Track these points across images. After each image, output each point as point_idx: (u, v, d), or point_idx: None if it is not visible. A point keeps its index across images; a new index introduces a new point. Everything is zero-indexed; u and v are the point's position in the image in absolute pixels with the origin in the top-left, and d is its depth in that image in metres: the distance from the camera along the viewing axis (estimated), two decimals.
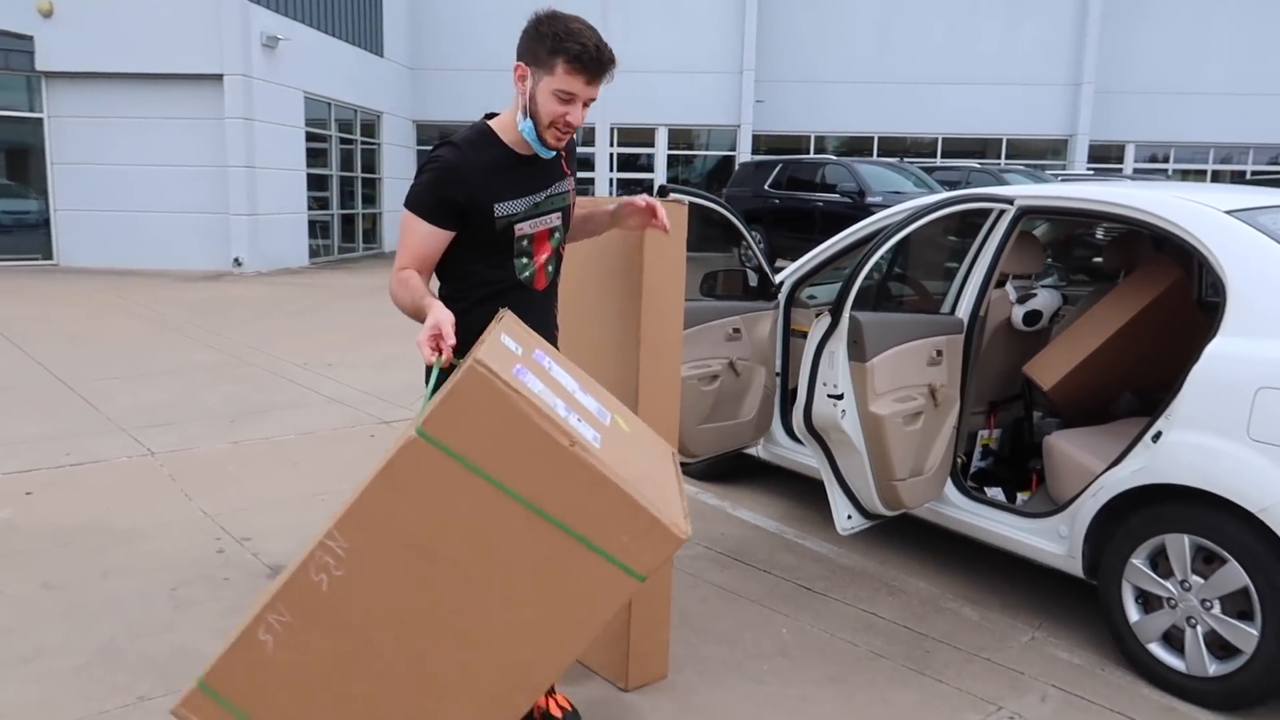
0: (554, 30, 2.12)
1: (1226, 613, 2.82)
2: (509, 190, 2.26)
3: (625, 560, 1.84)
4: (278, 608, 1.83)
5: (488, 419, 1.75)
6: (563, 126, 2.20)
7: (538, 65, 2.16)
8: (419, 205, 2.21)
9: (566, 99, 2.17)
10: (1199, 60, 22.23)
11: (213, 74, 14.49)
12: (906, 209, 3.75)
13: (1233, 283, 2.87)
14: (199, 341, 8.72)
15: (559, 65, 2.13)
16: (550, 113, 2.18)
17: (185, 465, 5.06)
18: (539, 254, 2.40)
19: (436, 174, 2.19)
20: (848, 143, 22.64)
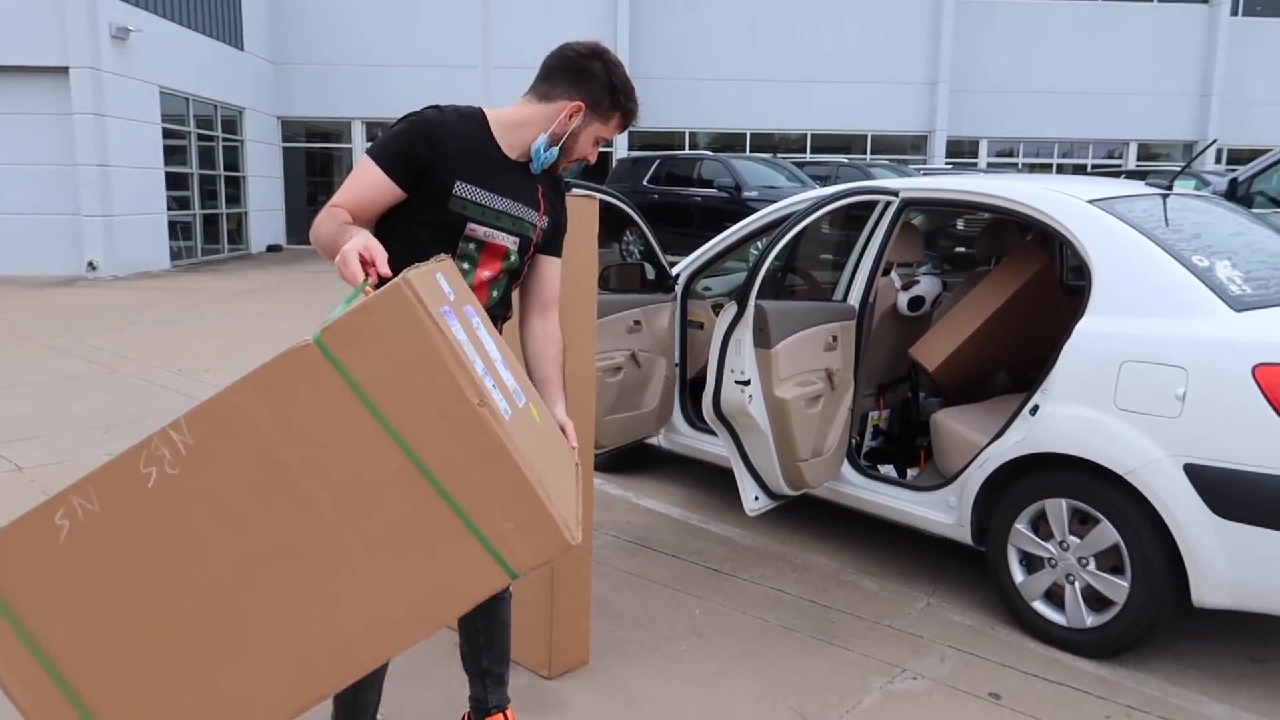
0: (620, 83, 2.14)
1: (1100, 568, 3.07)
2: (477, 176, 2.09)
3: (501, 550, 1.59)
4: (86, 490, 1.54)
5: (396, 347, 1.51)
6: (577, 160, 2.23)
7: (595, 111, 2.14)
8: (379, 149, 2.08)
9: (599, 144, 2.21)
10: (1042, 61, 23.70)
11: (57, 66, 13.61)
12: (807, 200, 3.91)
13: (1097, 266, 3.13)
14: (59, 350, 8.22)
15: (616, 119, 2.17)
16: (583, 153, 2.20)
17: (59, 479, 4.77)
18: (483, 267, 2.16)
19: (409, 125, 2.07)
20: (721, 138, 23.10)
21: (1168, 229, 3.23)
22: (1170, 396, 2.84)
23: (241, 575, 1.55)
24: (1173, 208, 3.40)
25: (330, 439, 1.53)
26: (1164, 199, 3.47)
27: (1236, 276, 3.04)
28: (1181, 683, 2.99)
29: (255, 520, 1.54)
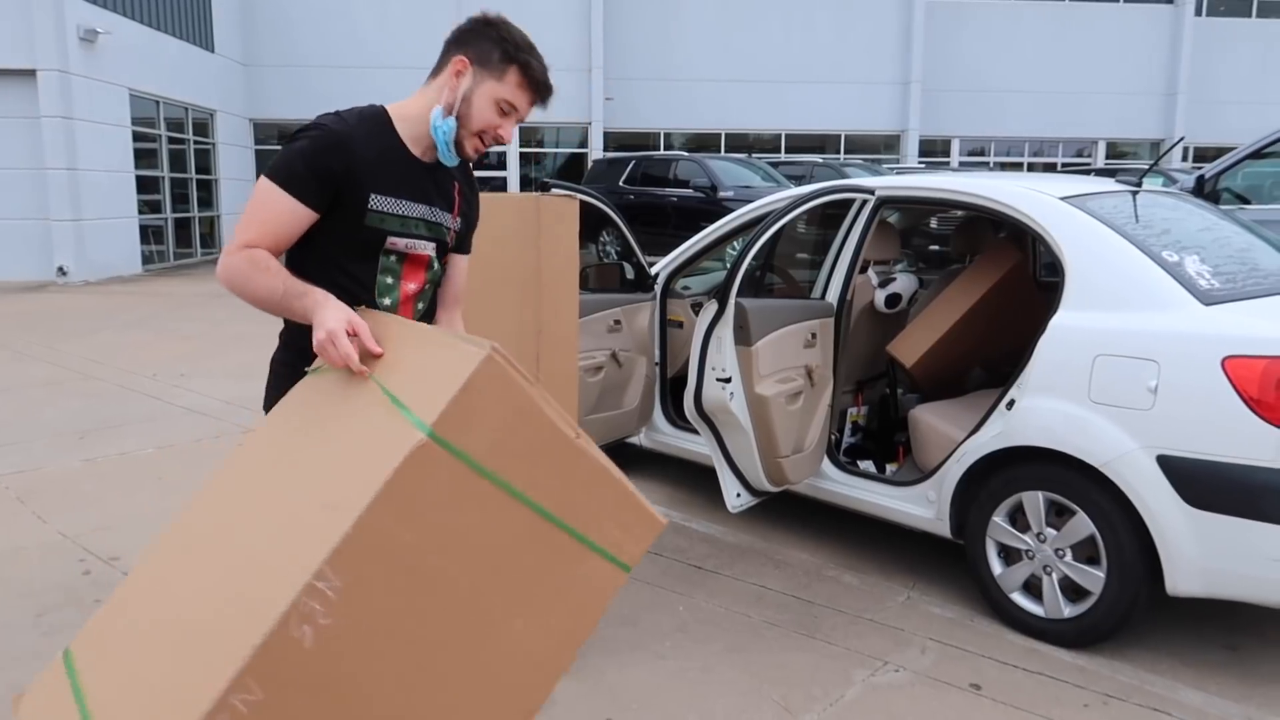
0: (510, 37, 1.94)
1: (1077, 559, 3.12)
2: (393, 186, 1.95)
3: (617, 554, 1.74)
4: (245, 684, 1.44)
5: (502, 413, 1.56)
6: (490, 139, 1.98)
7: (484, 66, 1.93)
8: (284, 173, 1.86)
9: (507, 111, 1.96)
10: (1012, 60, 23.99)
11: (24, 69, 13.44)
12: (784, 198, 3.94)
13: (1070, 262, 3.18)
14: (30, 356, 8.12)
15: (511, 74, 1.93)
16: (485, 120, 1.94)
17: (34, 486, 4.74)
18: (407, 280, 2.05)
19: (313, 141, 1.86)
20: (696, 139, 23.18)
21: (1138, 225, 3.29)
22: (1142, 389, 2.89)
23: (418, 678, 1.59)
24: (1142, 204, 3.47)
25: (462, 522, 1.57)
26: (1134, 196, 3.53)
27: (1205, 271, 3.10)
28: (1157, 670, 3.05)
29: (413, 626, 1.57)
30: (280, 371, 2.03)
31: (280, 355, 2.06)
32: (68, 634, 3.21)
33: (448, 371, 1.54)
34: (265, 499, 1.74)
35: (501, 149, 21.90)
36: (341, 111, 1.95)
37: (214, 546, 1.76)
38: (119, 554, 3.90)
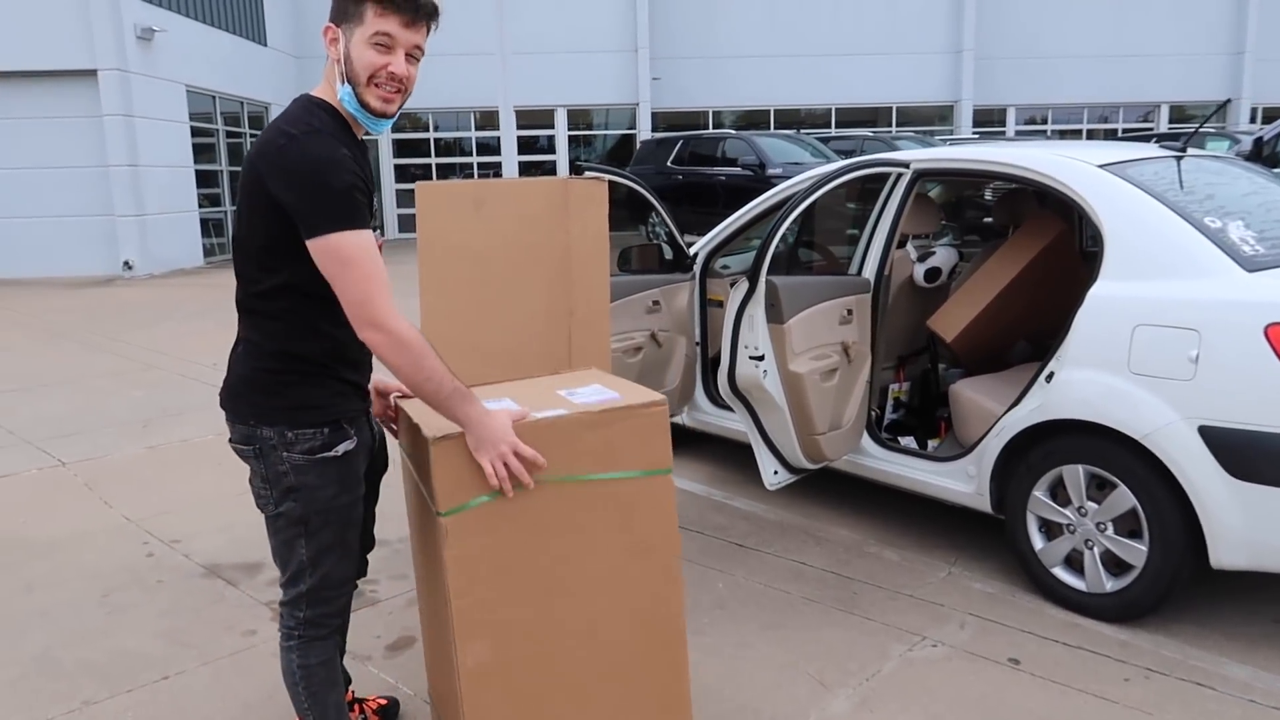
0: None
1: (1118, 533, 3.08)
2: (370, 183, 1.96)
3: (648, 466, 2.12)
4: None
5: (472, 463, 1.98)
6: (385, 80, 1.89)
7: (346, 20, 1.89)
8: (356, 216, 1.82)
9: (385, 45, 1.87)
10: (1070, 25, 23.29)
11: (86, 69, 13.85)
12: (811, 176, 3.92)
13: (1109, 231, 3.12)
14: (97, 348, 8.43)
15: (368, 11, 1.86)
16: (369, 64, 1.87)
17: (101, 473, 4.94)
18: None
19: (344, 177, 1.83)
20: (745, 116, 22.99)
21: (1181, 191, 3.21)
22: (1183, 359, 2.84)
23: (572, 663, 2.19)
24: (1186, 170, 3.38)
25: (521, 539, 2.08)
26: (1178, 161, 3.45)
27: (1249, 237, 3.02)
28: (1202, 645, 3.00)
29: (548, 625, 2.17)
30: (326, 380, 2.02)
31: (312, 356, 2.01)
32: (132, 614, 3.37)
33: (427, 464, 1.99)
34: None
35: (548, 132, 21.98)
36: (320, 126, 1.89)
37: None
38: (179, 537, 4.06)
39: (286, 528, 2.04)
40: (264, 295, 1.96)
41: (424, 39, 1.94)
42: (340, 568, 2.11)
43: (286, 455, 1.98)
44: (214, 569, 3.73)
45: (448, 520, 1.99)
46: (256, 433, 1.99)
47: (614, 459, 2.10)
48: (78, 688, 2.89)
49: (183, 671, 2.97)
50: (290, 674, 2.15)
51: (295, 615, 2.11)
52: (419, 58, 1.96)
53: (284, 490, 2.01)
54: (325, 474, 2.00)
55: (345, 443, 2.02)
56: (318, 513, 2.02)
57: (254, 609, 3.39)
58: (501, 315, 2.88)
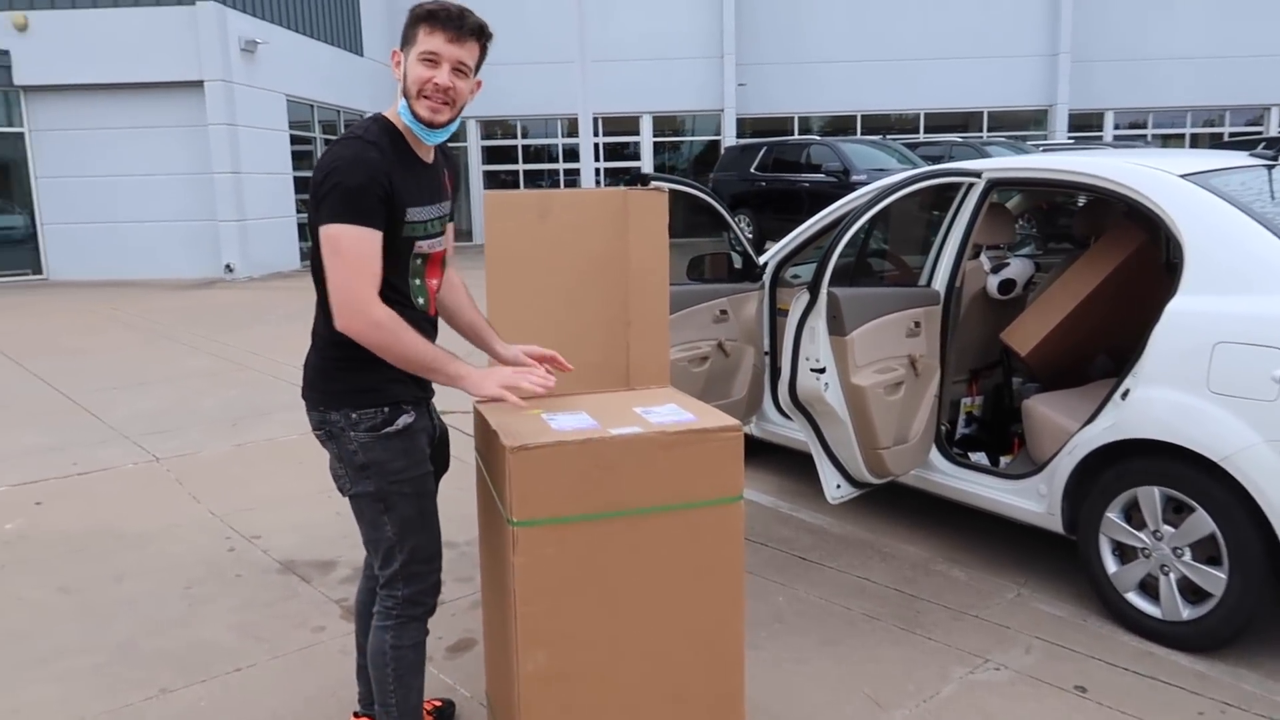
0: (416, 6, 2.09)
1: (1196, 559, 2.95)
2: (417, 194, 2.12)
3: (719, 494, 2.15)
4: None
5: (545, 474, 2.04)
6: (430, 91, 2.05)
7: (406, 44, 2.10)
8: (357, 212, 1.97)
9: (430, 61, 2.05)
10: (1173, 25, 22.33)
11: (192, 81, 14.53)
12: (875, 188, 3.86)
13: (1189, 243, 2.99)
14: (195, 348, 8.82)
15: (419, 31, 2.06)
16: (417, 78, 2.05)
17: (191, 469, 5.17)
18: (430, 278, 2.27)
19: (364, 172, 1.98)
20: (832, 122, 22.73)
21: (1271, 202, 3.06)
22: (1266, 379, 2.70)
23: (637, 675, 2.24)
24: (1278, 180, 3.22)
25: (590, 561, 2.15)
26: (1269, 170, 3.29)
27: None
28: None
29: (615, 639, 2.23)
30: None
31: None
32: (210, 606, 3.52)
33: (502, 471, 2.07)
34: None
35: (634, 139, 22.08)
36: (362, 134, 2.07)
37: None
38: (260, 533, 4.22)
39: (368, 506, 2.19)
40: (321, 289, 2.13)
41: (471, 56, 2.10)
42: (426, 539, 2.23)
43: (354, 434, 2.13)
44: (289, 565, 3.86)
45: (518, 529, 2.04)
46: (327, 417, 2.16)
47: (687, 483, 2.15)
48: (156, 675, 3.03)
49: (253, 664, 3.09)
50: (381, 654, 2.25)
51: (394, 595, 2.23)
52: (466, 73, 2.10)
53: (357, 468, 2.16)
54: (391, 447, 2.14)
55: (404, 417, 2.15)
56: (392, 484, 2.15)
57: (324, 606, 3.50)
58: (562, 324, 2.91)
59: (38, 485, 4.94)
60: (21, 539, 4.21)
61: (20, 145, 15.03)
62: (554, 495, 2.07)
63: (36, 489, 4.88)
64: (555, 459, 2.07)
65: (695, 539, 2.19)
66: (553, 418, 2.22)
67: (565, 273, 2.93)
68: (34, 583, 3.75)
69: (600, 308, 2.90)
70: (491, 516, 2.31)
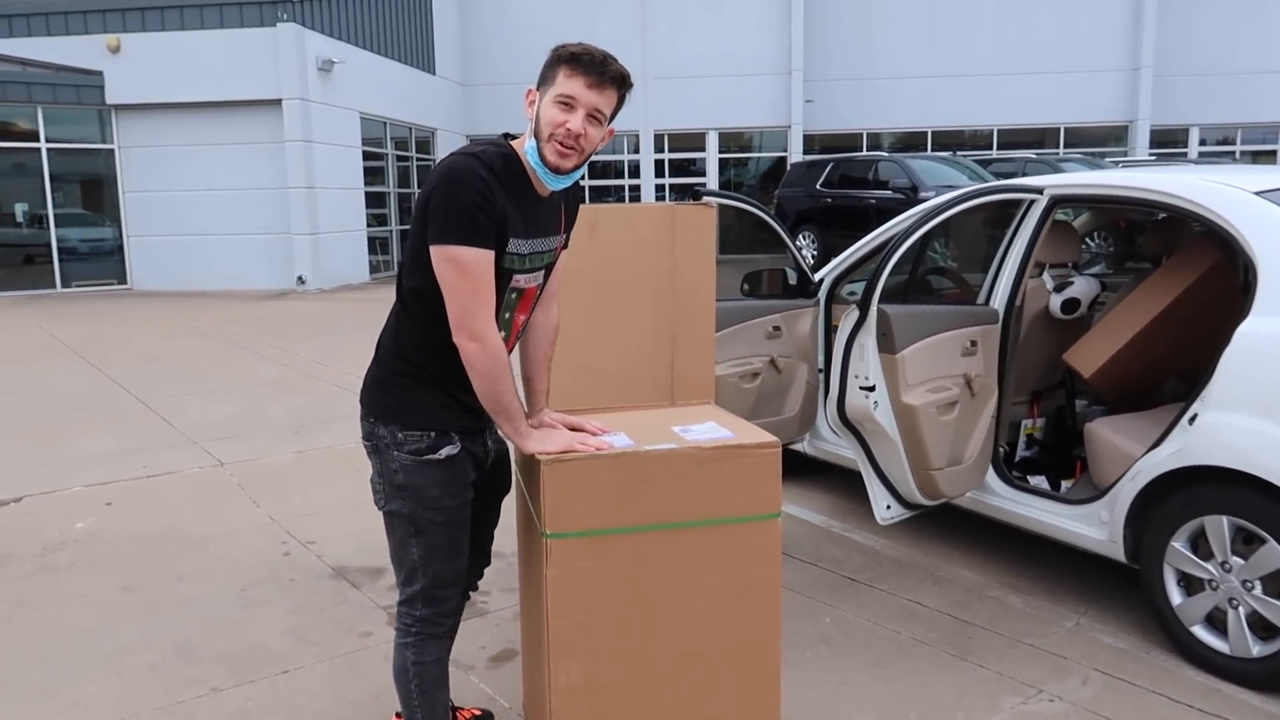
0: (563, 48, 2.04)
1: (1268, 593, 2.81)
2: (523, 228, 2.07)
3: (757, 510, 2.16)
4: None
5: (579, 488, 2.06)
6: (562, 136, 1.99)
7: (543, 84, 2.05)
8: (471, 233, 1.94)
9: (566, 104, 1.99)
10: (1263, 38, 21.56)
11: (272, 99, 15.00)
12: (931, 205, 3.79)
13: (1263, 263, 2.87)
14: (265, 358, 9.06)
15: (559, 72, 2.00)
16: (549, 121, 2.00)
17: (253, 475, 5.30)
18: (520, 312, 2.22)
19: (479, 192, 1.95)
20: (902, 138, 22.45)
21: None
22: None
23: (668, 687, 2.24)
24: None
25: (627, 573, 2.17)
26: None
27: None
28: None
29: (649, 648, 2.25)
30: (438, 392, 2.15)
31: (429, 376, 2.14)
32: (264, 608, 3.59)
33: (538, 483, 2.09)
34: None
35: (700, 155, 22.11)
36: (479, 154, 2.02)
37: None
38: (315, 539, 4.30)
39: (399, 526, 2.18)
40: (403, 298, 2.15)
41: (609, 104, 2.04)
42: (450, 568, 2.21)
43: (397, 454, 2.12)
44: (341, 571, 3.93)
45: (552, 541, 2.05)
46: (375, 430, 2.17)
47: (723, 498, 2.13)
48: (209, 675, 3.10)
49: (301, 667, 3.14)
50: (403, 671, 2.25)
51: (412, 614, 2.23)
52: (601, 120, 2.04)
53: (395, 487, 2.15)
54: (430, 475, 2.12)
55: (448, 447, 2.13)
56: (425, 510, 2.14)
57: (372, 612, 3.55)
58: (610, 338, 2.92)
59: (109, 486, 5.12)
60: (92, 538, 4.36)
61: (111, 161, 15.69)
62: (588, 508, 2.07)
63: (108, 490, 5.06)
64: (590, 472, 2.07)
65: (731, 555, 2.17)
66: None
67: (613, 287, 2.94)
68: (101, 581, 3.87)
69: (647, 322, 2.90)
70: (529, 529, 2.31)
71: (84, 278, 15.71)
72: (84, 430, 6.34)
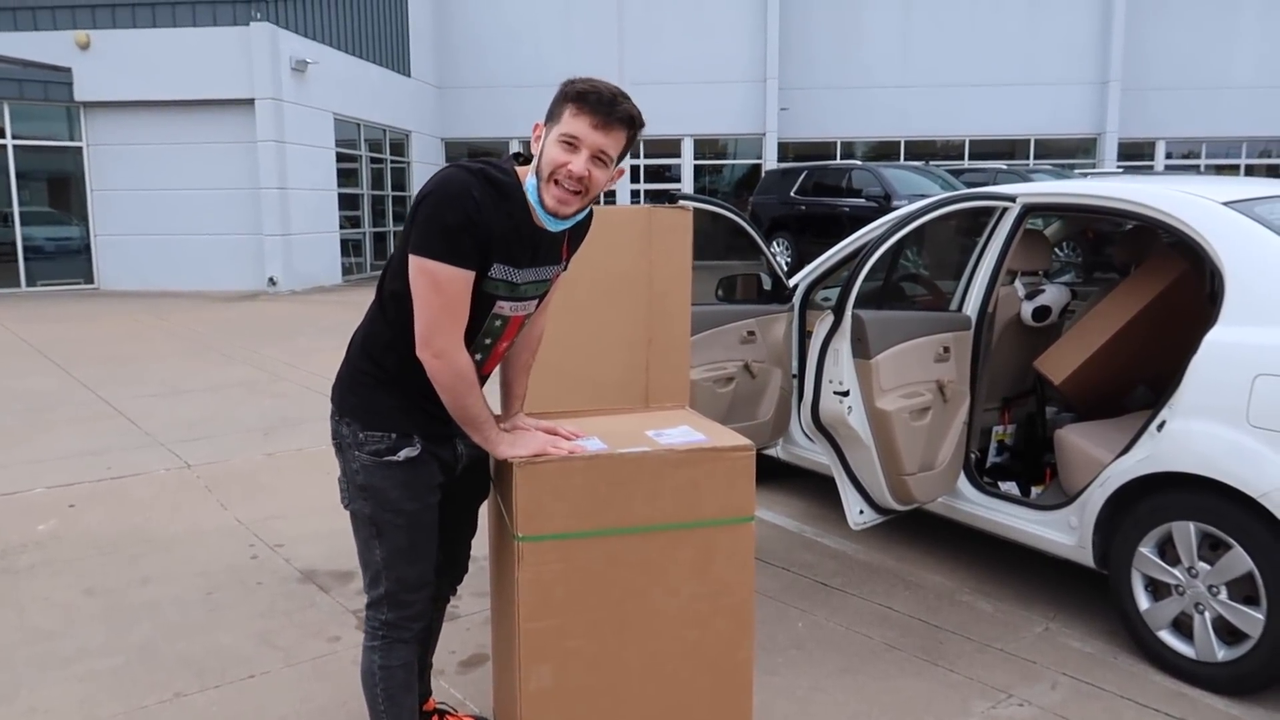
0: (572, 83, 1.94)
1: (1233, 598, 2.85)
2: (513, 255, 2.00)
3: (732, 514, 2.14)
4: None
5: (553, 490, 2.05)
6: (564, 177, 1.91)
7: (550, 120, 1.96)
8: (450, 251, 1.88)
9: (570, 144, 1.90)
10: (1228, 53, 21.97)
11: (244, 99, 14.85)
12: (905, 211, 3.82)
13: (1230, 272, 2.91)
14: (235, 359, 8.95)
15: (566, 110, 1.91)
16: (551, 160, 1.92)
17: (221, 477, 5.22)
18: (504, 340, 2.17)
19: (463, 212, 1.88)
20: (876, 147, 22.62)
21: None
22: None
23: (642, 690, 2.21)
24: None
25: (599, 576, 2.14)
26: None
27: None
28: None
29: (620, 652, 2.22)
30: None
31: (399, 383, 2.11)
32: (231, 612, 3.53)
33: (509, 485, 2.07)
34: None
35: (675, 161, 22.16)
36: (480, 170, 1.95)
37: None
38: (283, 541, 4.24)
39: (361, 527, 2.17)
40: (382, 299, 2.11)
41: (616, 146, 1.94)
42: (414, 572, 2.17)
43: (358, 454, 2.10)
44: (310, 574, 3.88)
45: (524, 544, 2.03)
46: (340, 428, 2.15)
47: (697, 502, 2.12)
48: (172, 679, 3.05)
49: (268, 671, 3.09)
50: (370, 675, 2.22)
51: (378, 618, 2.20)
52: (607, 163, 1.95)
53: (357, 487, 2.14)
54: (390, 476, 2.09)
55: (407, 449, 2.09)
56: (386, 512, 2.11)
57: (341, 616, 3.51)
58: (585, 341, 2.91)
59: (72, 488, 5.02)
60: (54, 540, 4.28)
61: (79, 159, 15.45)
62: (561, 511, 2.05)
63: (70, 491, 4.96)
64: (563, 475, 2.05)
65: (705, 559, 2.16)
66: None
67: (588, 289, 2.92)
68: (62, 584, 3.80)
69: (622, 325, 2.89)
70: (501, 532, 2.29)
71: (50, 277, 15.45)
72: (47, 431, 6.23)
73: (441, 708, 2.68)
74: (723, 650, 2.22)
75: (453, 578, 2.46)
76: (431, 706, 2.64)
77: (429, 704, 2.64)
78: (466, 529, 2.43)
